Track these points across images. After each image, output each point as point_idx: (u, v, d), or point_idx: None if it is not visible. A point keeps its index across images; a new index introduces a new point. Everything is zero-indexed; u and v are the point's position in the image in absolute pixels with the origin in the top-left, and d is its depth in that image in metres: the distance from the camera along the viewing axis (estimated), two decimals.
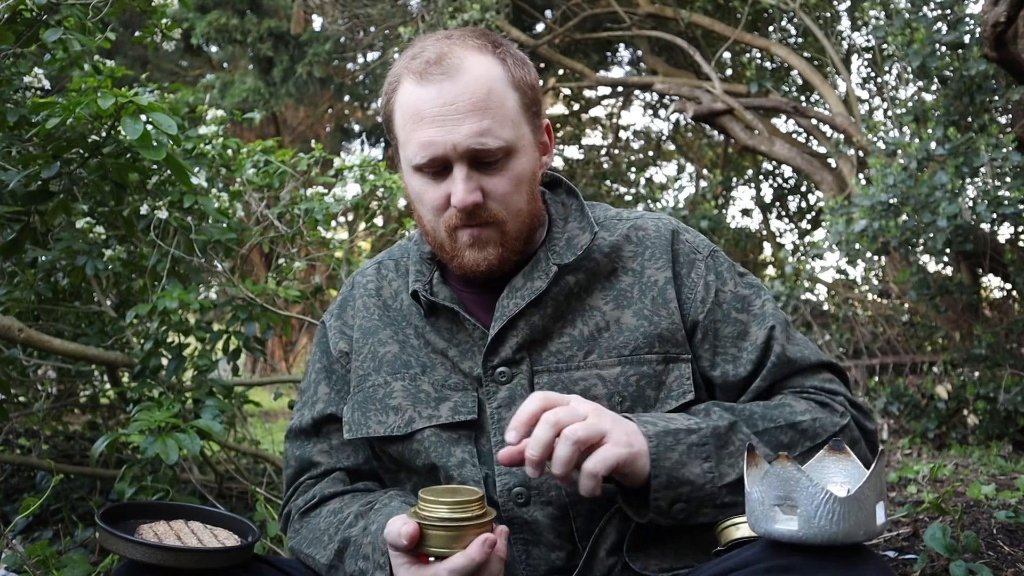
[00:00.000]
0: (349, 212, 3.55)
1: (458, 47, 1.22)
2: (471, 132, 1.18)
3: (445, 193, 1.22)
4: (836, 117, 6.97)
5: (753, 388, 1.29)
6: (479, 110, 1.19)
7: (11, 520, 2.57)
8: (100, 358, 2.65)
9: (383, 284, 1.41)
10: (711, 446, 1.14)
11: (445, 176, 1.22)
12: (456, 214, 1.22)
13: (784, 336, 1.32)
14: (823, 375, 1.33)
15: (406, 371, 1.31)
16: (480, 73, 1.20)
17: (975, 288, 5.94)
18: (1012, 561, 2.02)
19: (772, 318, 1.32)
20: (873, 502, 0.92)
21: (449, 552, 1.05)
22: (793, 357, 1.31)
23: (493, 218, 1.23)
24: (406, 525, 1.05)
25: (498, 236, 1.24)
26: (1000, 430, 4.97)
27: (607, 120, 12.52)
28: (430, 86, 1.19)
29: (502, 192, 1.22)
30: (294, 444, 1.41)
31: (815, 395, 1.29)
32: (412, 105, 1.21)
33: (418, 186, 1.25)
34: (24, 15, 2.20)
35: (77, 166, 2.29)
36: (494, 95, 1.20)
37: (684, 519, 1.13)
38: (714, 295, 1.31)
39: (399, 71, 1.25)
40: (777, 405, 1.25)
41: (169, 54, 10.99)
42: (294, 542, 1.34)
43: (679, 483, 1.11)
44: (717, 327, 1.30)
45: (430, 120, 1.19)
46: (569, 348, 1.26)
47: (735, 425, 1.17)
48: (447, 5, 7.30)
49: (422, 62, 1.21)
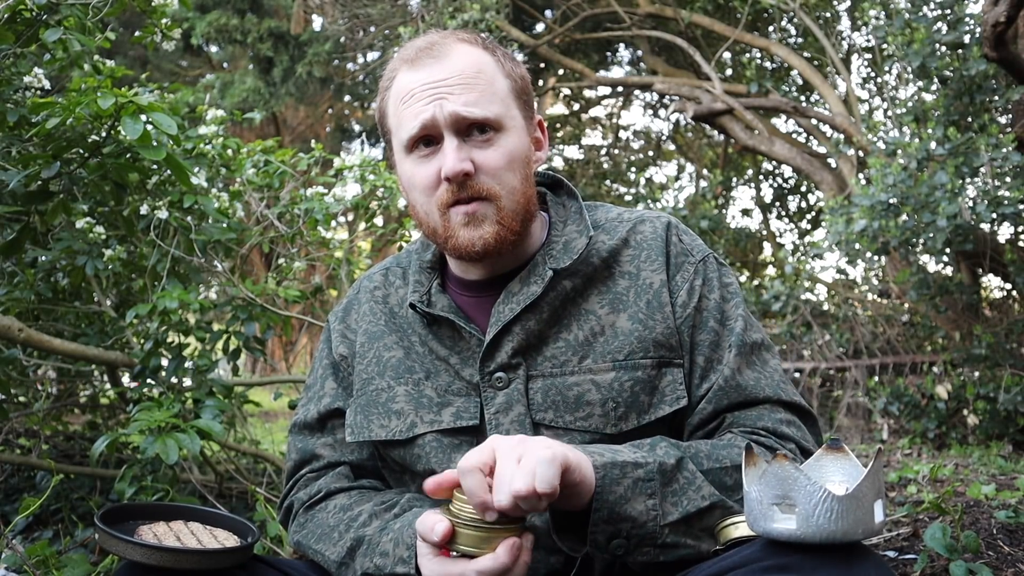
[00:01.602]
0: (349, 212, 3.55)
1: (449, 39, 1.26)
2: (460, 101, 1.20)
3: (436, 169, 1.22)
4: (836, 117, 6.97)
5: (699, 408, 1.25)
6: (468, 84, 1.21)
7: (11, 520, 2.58)
8: (100, 358, 2.65)
9: (390, 291, 1.41)
10: (656, 482, 1.08)
11: (435, 153, 1.22)
12: (448, 188, 1.21)
13: (742, 360, 1.25)
14: (781, 415, 1.25)
15: (410, 376, 1.31)
16: (471, 56, 1.24)
17: (975, 288, 5.94)
18: (1012, 561, 2.02)
19: (735, 336, 1.26)
20: (871, 500, 0.92)
21: (478, 552, 1.04)
22: (744, 384, 1.24)
23: (486, 192, 1.22)
24: (440, 523, 1.05)
25: (493, 213, 1.22)
26: (1000, 430, 4.97)
27: (607, 120, 12.52)
28: (421, 69, 1.23)
29: (493, 165, 1.22)
30: (297, 437, 1.41)
31: (764, 438, 1.21)
32: (403, 88, 1.24)
33: (409, 169, 1.26)
34: (24, 15, 2.20)
35: (77, 166, 2.30)
36: (483, 75, 1.23)
37: (622, 556, 1.07)
38: (697, 300, 1.28)
39: (393, 67, 1.28)
40: (725, 445, 1.18)
41: (169, 54, 11.00)
42: (299, 536, 1.33)
43: (620, 519, 1.06)
44: (694, 333, 1.27)
45: (419, 96, 1.21)
46: (564, 353, 1.26)
47: (682, 462, 1.11)
48: (447, 5, 7.30)
49: (413, 50, 1.25)
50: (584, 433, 1.22)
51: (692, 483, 1.11)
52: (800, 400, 1.29)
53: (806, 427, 1.28)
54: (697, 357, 1.27)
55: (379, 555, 1.18)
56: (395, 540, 1.17)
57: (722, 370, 1.25)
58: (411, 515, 1.19)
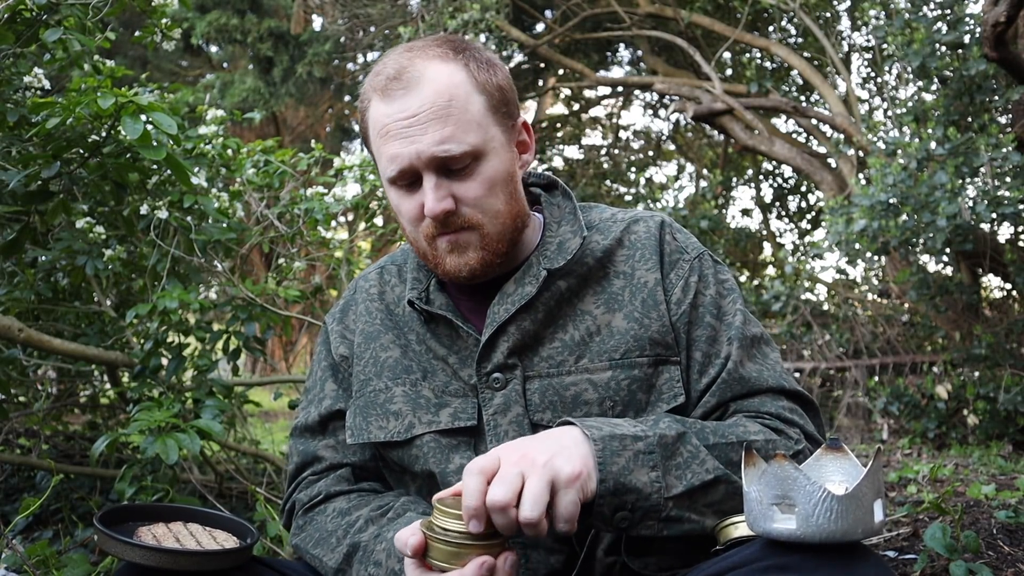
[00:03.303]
0: (349, 212, 3.55)
1: (419, 59, 1.22)
2: (433, 140, 1.18)
3: (419, 203, 1.22)
4: (836, 117, 6.97)
5: (703, 402, 1.25)
6: (440, 118, 1.19)
7: (11, 520, 2.58)
8: (100, 358, 2.65)
9: (386, 289, 1.41)
10: (658, 455, 1.08)
11: (418, 187, 1.23)
12: (431, 223, 1.23)
13: (744, 353, 1.27)
14: (783, 403, 1.26)
15: (407, 376, 1.31)
16: (441, 81, 1.20)
17: (975, 288, 5.94)
18: (1012, 561, 2.02)
19: (735, 330, 1.28)
20: (871, 500, 0.92)
21: (449, 567, 1.02)
22: (747, 376, 1.26)
23: (468, 223, 1.22)
24: (414, 536, 1.04)
25: (477, 240, 1.23)
26: (1000, 430, 4.97)
27: (607, 120, 12.52)
28: (393, 102, 1.21)
29: (474, 196, 1.22)
30: (299, 440, 1.41)
31: (769, 421, 1.23)
32: (378, 122, 1.23)
33: (395, 199, 1.27)
34: (24, 15, 2.20)
35: (77, 166, 2.30)
36: (456, 102, 1.20)
37: (626, 529, 1.08)
38: (692, 296, 1.29)
39: (367, 88, 1.26)
40: (731, 424, 1.20)
41: (169, 54, 11.00)
42: (298, 539, 1.34)
43: (625, 490, 1.06)
44: (690, 330, 1.28)
45: (395, 135, 1.20)
46: (560, 353, 1.26)
47: (684, 436, 1.12)
48: (447, 5, 7.30)
49: (384, 79, 1.22)
50: None
51: (696, 457, 1.11)
52: (802, 390, 1.30)
53: (808, 416, 1.29)
54: (695, 353, 1.27)
55: (373, 564, 1.18)
56: (388, 551, 1.17)
57: (724, 363, 1.26)
58: (403, 522, 1.20)
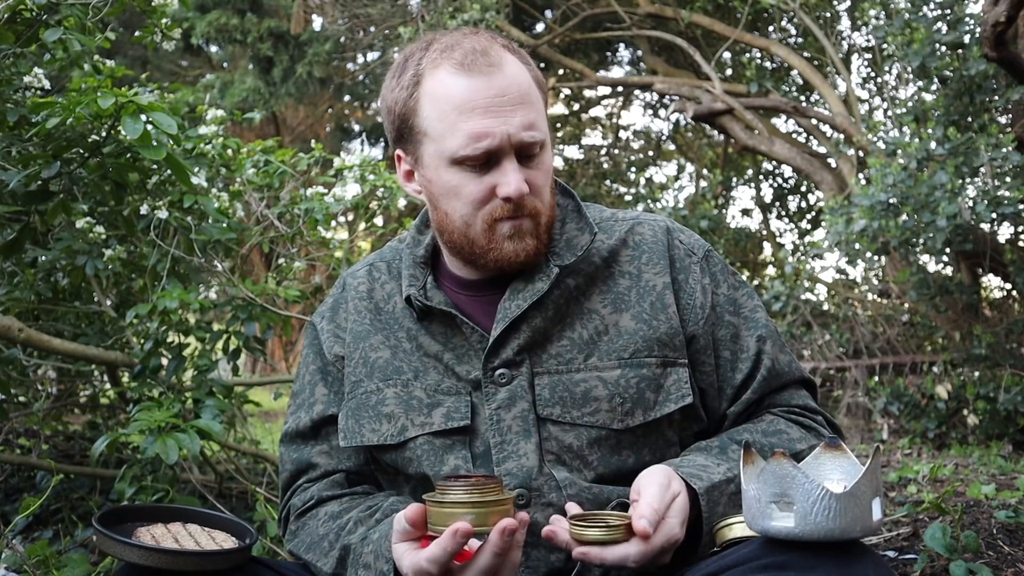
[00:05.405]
0: (349, 212, 3.55)
1: (492, 43, 1.23)
2: (522, 124, 1.19)
3: (489, 186, 1.21)
4: (836, 117, 6.97)
5: (743, 400, 1.32)
6: (526, 103, 1.20)
7: (11, 520, 2.58)
8: (100, 358, 2.65)
9: (375, 286, 1.40)
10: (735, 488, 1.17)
11: (488, 169, 1.21)
12: (503, 206, 1.21)
13: (776, 348, 1.34)
14: (803, 392, 1.37)
15: (398, 377, 1.30)
16: (518, 68, 1.23)
17: (975, 288, 5.94)
18: (1012, 561, 2.02)
19: (763, 328, 1.34)
20: (869, 498, 0.92)
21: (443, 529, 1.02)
22: (782, 371, 1.34)
23: (532, 210, 1.24)
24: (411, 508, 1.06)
25: (534, 228, 1.25)
26: (1000, 430, 4.97)
27: (607, 120, 12.51)
28: (479, 76, 1.18)
29: (539, 185, 1.24)
30: (290, 447, 1.39)
31: (800, 417, 1.32)
32: (458, 95, 1.19)
33: (456, 180, 1.22)
34: (24, 15, 2.20)
35: (77, 166, 2.30)
36: (532, 90, 1.23)
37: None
38: (711, 299, 1.32)
39: (426, 64, 1.22)
40: (774, 432, 1.27)
41: (169, 54, 11.00)
42: (291, 545, 1.33)
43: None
44: (714, 331, 1.32)
45: (483, 110, 1.17)
46: (569, 351, 1.27)
47: None
48: (447, 5, 7.30)
49: (463, 52, 1.20)
50: (591, 428, 1.24)
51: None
52: (808, 375, 1.41)
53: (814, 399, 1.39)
54: (723, 352, 1.32)
55: (362, 567, 1.18)
56: (375, 552, 1.17)
57: (758, 359, 1.31)
58: (387, 523, 1.19)
